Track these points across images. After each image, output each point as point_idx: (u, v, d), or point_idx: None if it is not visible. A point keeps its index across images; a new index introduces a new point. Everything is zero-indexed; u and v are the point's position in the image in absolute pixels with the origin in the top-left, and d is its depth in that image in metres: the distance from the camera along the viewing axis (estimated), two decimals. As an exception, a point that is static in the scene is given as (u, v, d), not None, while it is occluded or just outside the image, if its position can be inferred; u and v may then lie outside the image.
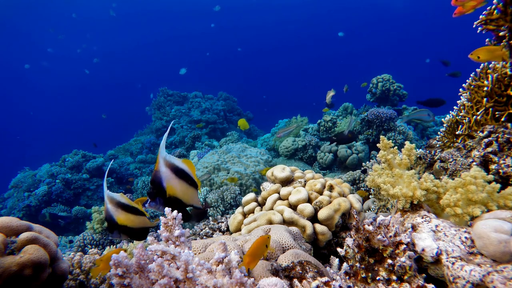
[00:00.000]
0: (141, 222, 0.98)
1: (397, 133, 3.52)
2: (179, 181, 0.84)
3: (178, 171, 0.84)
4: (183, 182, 0.84)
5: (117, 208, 0.95)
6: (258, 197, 1.50)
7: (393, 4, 23.90)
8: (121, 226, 0.94)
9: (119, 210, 0.95)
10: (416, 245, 0.78)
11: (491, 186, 0.81)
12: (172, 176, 0.83)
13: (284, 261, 0.77)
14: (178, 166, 0.84)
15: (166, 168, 0.84)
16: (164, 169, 0.83)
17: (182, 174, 0.84)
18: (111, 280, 0.56)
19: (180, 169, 0.84)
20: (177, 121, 6.75)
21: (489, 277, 0.63)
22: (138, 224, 0.97)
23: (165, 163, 0.84)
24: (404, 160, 0.94)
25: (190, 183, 0.85)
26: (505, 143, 1.09)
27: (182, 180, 0.84)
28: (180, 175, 0.84)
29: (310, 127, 4.32)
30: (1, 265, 0.71)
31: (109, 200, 0.93)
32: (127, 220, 0.95)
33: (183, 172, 0.84)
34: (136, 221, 0.97)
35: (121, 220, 0.94)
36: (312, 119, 4.63)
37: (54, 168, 5.06)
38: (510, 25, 1.19)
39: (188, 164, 0.86)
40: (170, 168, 0.84)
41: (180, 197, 0.84)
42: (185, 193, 0.84)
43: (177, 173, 0.84)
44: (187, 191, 0.85)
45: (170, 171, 0.84)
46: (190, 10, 25.71)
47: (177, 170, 0.84)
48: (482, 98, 1.26)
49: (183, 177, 0.84)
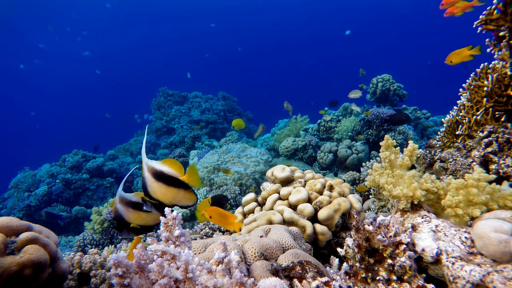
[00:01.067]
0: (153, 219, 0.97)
1: (397, 133, 3.52)
2: (158, 184, 0.85)
3: (157, 174, 0.86)
4: (162, 184, 0.85)
5: (127, 207, 0.94)
6: (258, 197, 1.50)
7: (393, 4, 23.90)
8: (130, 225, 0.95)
9: (129, 209, 0.94)
10: (416, 245, 0.78)
11: (491, 187, 0.81)
12: (152, 180, 0.85)
13: (284, 261, 0.77)
14: (157, 169, 0.86)
15: (148, 173, 0.86)
16: (146, 174, 0.86)
17: (161, 176, 0.85)
18: (111, 280, 0.56)
19: (158, 171, 0.85)
20: (177, 121, 6.75)
21: (489, 277, 0.63)
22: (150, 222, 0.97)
23: (147, 168, 0.86)
24: (406, 161, 0.94)
25: (169, 183, 0.85)
26: (505, 143, 1.09)
27: (160, 182, 0.85)
28: (158, 177, 0.85)
29: (310, 127, 4.33)
30: (1, 265, 0.71)
31: (119, 200, 0.93)
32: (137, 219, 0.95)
33: (162, 174, 0.85)
34: (147, 219, 0.96)
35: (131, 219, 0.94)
36: (312, 119, 4.63)
37: (54, 168, 5.06)
38: (510, 25, 1.19)
39: (169, 165, 0.87)
40: (151, 173, 0.86)
41: (161, 199, 0.86)
42: (164, 194, 0.85)
43: (156, 176, 0.85)
44: (167, 192, 0.85)
45: (151, 175, 0.86)
46: (190, 10, 25.72)
47: (156, 173, 0.86)
48: (482, 98, 1.26)
49: (161, 179, 0.85)
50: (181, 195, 0.86)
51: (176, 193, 0.86)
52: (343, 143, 3.63)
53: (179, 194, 0.86)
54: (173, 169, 0.86)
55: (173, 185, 0.85)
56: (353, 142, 3.66)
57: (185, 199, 0.87)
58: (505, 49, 1.22)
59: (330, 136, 4.09)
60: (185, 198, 0.87)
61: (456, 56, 1.70)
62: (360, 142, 3.64)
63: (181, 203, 0.87)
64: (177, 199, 0.86)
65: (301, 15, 26.37)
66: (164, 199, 0.86)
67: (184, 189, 0.86)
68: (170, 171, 0.86)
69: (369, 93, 4.51)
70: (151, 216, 0.97)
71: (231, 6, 25.30)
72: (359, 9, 25.02)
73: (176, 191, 0.86)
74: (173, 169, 0.86)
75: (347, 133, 3.89)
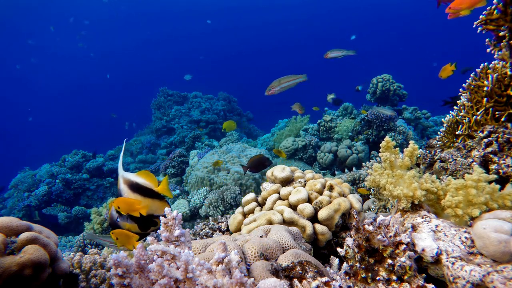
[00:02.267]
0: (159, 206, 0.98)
1: (397, 133, 3.52)
2: (134, 195, 0.89)
3: (132, 186, 0.90)
4: (137, 194, 0.90)
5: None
6: (258, 197, 1.50)
7: (392, 4, 23.90)
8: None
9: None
10: (416, 245, 0.78)
11: (491, 187, 0.81)
12: (128, 191, 0.90)
13: (284, 261, 0.77)
14: (133, 180, 0.90)
15: (124, 184, 0.90)
16: (122, 186, 0.90)
17: (136, 188, 0.90)
18: (111, 280, 0.56)
19: (134, 183, 0.90)
20: (177, 121, 6.75)
21: (489, 277, 0.63)
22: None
23: (123, 180, 0.91)
24: (406, 161, 0.94)
25: (145, 194, 0.90)
26: (505, 143, 1.09)
27: (136, 193, 0.90)
28: (134, 189, 0.90)
29: (310, 127, 4.33)
30: (1, 265, 0.71)
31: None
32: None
33: (137, 186, 0.90)
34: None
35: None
36: (312, 119, 4.63)
37: (54, 168, 5.06)
38: (510, 25, 1.19)
39: (144, 176, 0.92)
40: (126, 184, 0.90)
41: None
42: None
43: (132, 188, 0.90)
44: (143, 203, 0.89)
45: (127, 187, 0.90)
46: (190, 10, 25.71)
47: (131, 184, 0.90)
48: (482, 98, 1.26)
49: (137, 190, 0.90)
50: (156, 205, 0.91)
51: (151, 204, 0.90)
52: (343, 143, 3.64)
53: (154, 204, 0.91)
54: (148, 181, 0.91)
55: (148, 195, 0.90)
56: (353, 142, 3.66)
57: (160, 208, 0.91)
58: (505, 49, 1.22)
59: (330, 136, 4.09)
60: (160, 208, 0.91)
61: (443, 72, 2.34)
62: (360, 142, 3.64)
63: (156, 213, 0.91)
64: (153, 208, 0.91)
65: (301, 15, 26.38)
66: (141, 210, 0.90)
67: (158, 199, 0.91)
68: (145, 183, 0.91)
69: (369, 93, 4.51)
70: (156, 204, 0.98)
71: (231, 6, 25.31)
72: (359, 9, 25.03)
73: (151, 201, 0.90)
74: (148, 180, 0.91)
75: (347, 133, 3.89)
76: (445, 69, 2.33)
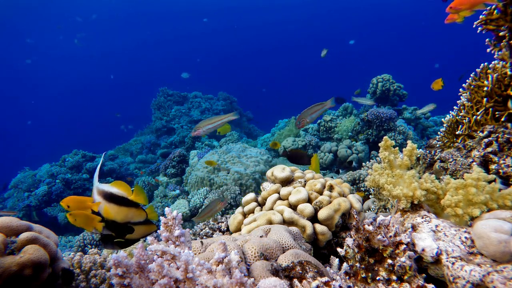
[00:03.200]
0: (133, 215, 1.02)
1: (397, 133, 3.52)
2: (109, 205, 0.93)
3: (107, 196, 0.94)
4: (113, 204, 0.94)
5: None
6: (258, 197, 1.50)
7: (392, 4, 23.90)
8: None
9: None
10: (416, 245, 0.78)
11: (491, 187, 0.81)
12: (103, 202, 0.93)
13: (284, 261, 0.77)
14: (107, 191, 0.95)
15: (98, 195, 0.94)
16: (97, 197, 0.94)
17: (111, 198, 0.94)
18: (111, 280, 0.56)
19: (108, 193, 0.94)
20: (177, 121, 6.75)
21: (489, 277, 0.63)
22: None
23: (97, 191, 0.95)
24: (405, 161, 0.94)
25: (120, 203, 0.95)
26: (505, 143, 1.09)
27: (111, 203, 0.94)
28: (109, 199, 0.94)
29: (310, 127, 4.32)
30: (1, 265, 0.71)
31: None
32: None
33: (112, 195, 0.94)
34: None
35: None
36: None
37: (54, 168, 5.06)
38: (510, 25, 1.19)
39: (118, 186, 0.96)
40: (101, 195, 0.94)
41: (114, 218, 0.94)
42: (117, 213, 0.94)
43: (106, 198, 0.94)
44: (119, 212, 0.94)
45: (102, 198, 0.94)
46: (190, 10, 25.71)
47: (106, 195, 0.94)
48: (482, 98, 1.26)
49: (112, 200, 0.94)
50: (132, 213, 0.95)
51: (127, 212, 0.95)
52: (343, 143, 3.64)
53: (130, 212, 0.95)
54: (122, 190, 0.96)
55: (123, 204, 0.95)
56: (353, 142, 3.66)
57: (136, 216, 0.96)
58: (505, 49, 1.23)
59: (330, 136, 4.09)
60: (136, 215, 0.96)
61: (435, 84, 2.67)
62: (360, 142, 3.64)
63: (133, 220, 0.96)
64: (129, 216, 0.95)
65: (301, 15, 26.38)
66: (117, 218, 0.94)
67: (134, 207, 0.95)
68: (119, 192, 0.95)
69: (369, 93, 4.51)
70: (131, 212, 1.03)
71: (231, 6, 25.30)
72: (359, 9, 25.02)
73: (127, 210, 0.95)
74: (122, 190, 0.96)
75: (347, 133, 3.89)
76: (437, 82, 2.64)
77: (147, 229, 1.00)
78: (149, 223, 0.99)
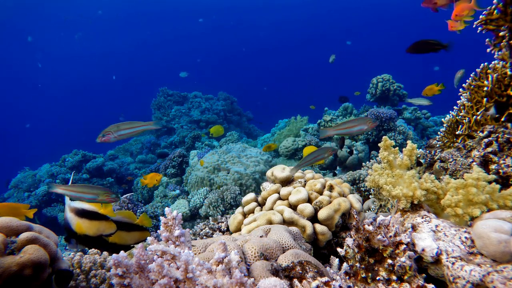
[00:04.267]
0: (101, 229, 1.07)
1: (397, 133, 3.52)
2: (81, 220, 0.99)
3: (78, 212, 0.99)
4: (85, 219, 0.99)
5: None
6: (258, 197, 1.50)
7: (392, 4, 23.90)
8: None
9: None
10: (416, 245, 0.78)
11: (491, 187, 0.81)
12: (75, 218, 0.99)
13: (284, 261, 0.77)
14: (78, 207, 1.00)
15: (70, 213, 1.00)
16: (69, 214, 1.00)
17: (82, 213, 1.00)
18: (111, 280, 0.56)
19: (80, 209, 1.00)
20: (177, 121, 6.75)
21: (489, 277, 0.63)
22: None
23: (69, 209, 1.00)
24: (405, 161, 0.94)
25: (91, 218, 1.00)
26: (505, 143, 1.09)
27: (83, 218, 0.99)
28: (80, 214, 0.99)
29: (310, 127, 4.32)
30: (1, 265, 0.71)
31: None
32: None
33: (83, 211, 1.00)
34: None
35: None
36: (312, 119, 4.63)
37: (54, 168, 5.06)
38: (510, 25, 1.19)
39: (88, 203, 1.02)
40: (73, 212, 1.00)
41: (86, 232, 0.99)
42: (88, 228, 0.99)
43: (78, 214, 0.99)
44: (90, 226, 0.99)
45: (73, 214, 0.99)
46: (190, 10, 25.70)
47: (77, 211, 1.00)
48: (482, 98, 1.26)
49: (83, 215, 1.00)
50: (103, 226, 1.01)
51: (98, 225, 1.00)
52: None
53: (101, 225, 1.01)
54: (92, 206, 1.01)
55: (94, 218, 1.00)
56: (353, 142, 3.66)
57: (107, 228, 1.01)
58: (505, 49, 1.22)
59: (330, 137, 4.09)
60: (107, 228, 1.01)
61: (429, 91, 2.52)
62: (360, 142, 3.64)
63: (105, 232, 1.01)
64: (101, 229, 1.01)
65: (302, 15, 26.36)
66: (89, 232, 0.99)
67: (105, 220, 1.01)
68: (89, 207, 1.00)
69: (369, 93, 4.51)
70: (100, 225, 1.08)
71: (232, 6, 25.30)
72: (359, 8, 25.02)
73: (98, 223, 1.00)
74: (92, 205, 1.01)
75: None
76: (431, 89, 2.51)
77: (141, 236, 1.05)
78: (143, 230, 1.04)
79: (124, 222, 1.06)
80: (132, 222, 1.07)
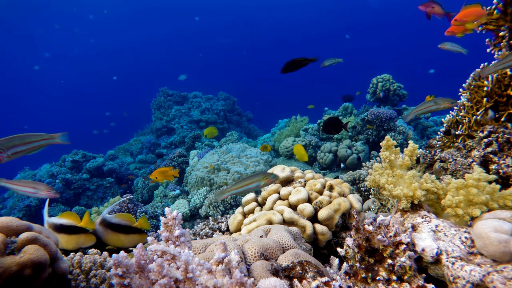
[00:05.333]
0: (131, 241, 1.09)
1: (397, 133, 3.52)
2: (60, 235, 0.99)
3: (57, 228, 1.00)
4: (63, 234, 1.00)
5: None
6: (258, 197, 1.50)
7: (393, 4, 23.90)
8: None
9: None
10: (416, 245, 0.78)
11: (491, 187, 0.81)
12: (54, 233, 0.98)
13: (284, 261, 0.77)
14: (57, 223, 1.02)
15: (49, 229, 1.00)
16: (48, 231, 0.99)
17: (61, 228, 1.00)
18: (111, 280, 0.56)
19: (58, 225, 1.00)
20: (177, 121, 6.75)
21: (489, 277, 0.63)
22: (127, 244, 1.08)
23: (48, 225, 1.02)
24: (406, 161, 0.94)
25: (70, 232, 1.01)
26: (505, 143, 1.09)
27: (62, 233, 1.00)
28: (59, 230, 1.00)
29: (310, 127, 4.32)
30: (1, 265, 0.71)
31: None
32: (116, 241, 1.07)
33: (62, 226, 1.00)
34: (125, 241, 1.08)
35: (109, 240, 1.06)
36: (312, 119, 4.63)
37: (54, 168, 5.06)
38: (510, 25, 1.20)
39: (66, 217, 1.03)
40: (51, 228, 1.01)
41: (65, 247, 1.00)
42: (67, 242, 1.00)
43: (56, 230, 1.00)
44: (70, 240, 1.00)
45: (52, 230, 1.00)
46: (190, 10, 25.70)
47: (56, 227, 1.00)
48: (482, 98, 1.26)
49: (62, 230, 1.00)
50: (82, 239, 1.02)
51: (77, 239, 1.01)
52: (343, 143, 3.63)
53: (80, 239, 1.02)
54: (71, 220, 1.01)
55: (73, 232, 1.01)
56: (353, 142, 3.66)
57: (87, 241, 1.02)
58: (505, 49, 1.22)
59: (330, 136, 4.09)
60: (86, 240, 1.02)
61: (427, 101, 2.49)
62: (360, 142, 3.64)
63: (84, 245, 1.02)
64: (80, 242, 1.02)
65: (302, 15, 26.37)
66: (68, 246, 0.99)
67: (83, 233, 1.02)
68: (68, 222, 1.01)
69: (369, 93, 4.51)
70: (129, 239, 1.09)
71: (232, 6, 25.30)
72: (359, 8, 25.02)
73: (77, 237, 1.01)
74: (70, 219, 1.01)
75: (347, 133, 3.89)
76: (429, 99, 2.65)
77: (140, 238, 1.05)
78: (141, 233, 1.04)
79: (123, 225, 1.06)
80: (130, 225, 1.07)
